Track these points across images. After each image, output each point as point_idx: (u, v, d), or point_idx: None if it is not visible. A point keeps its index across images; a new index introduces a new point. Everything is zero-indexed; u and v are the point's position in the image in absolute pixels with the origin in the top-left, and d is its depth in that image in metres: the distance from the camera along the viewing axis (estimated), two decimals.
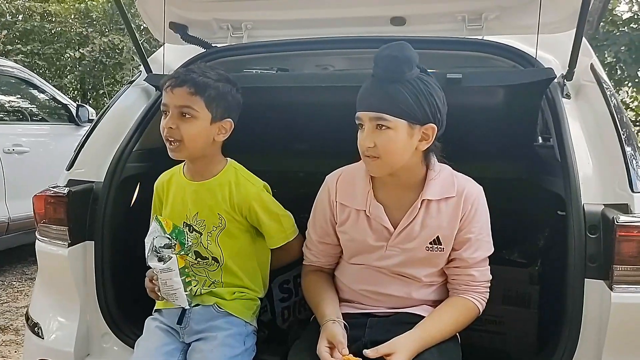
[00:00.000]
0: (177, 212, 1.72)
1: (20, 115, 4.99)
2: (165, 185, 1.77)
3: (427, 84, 1.45)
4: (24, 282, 4.39)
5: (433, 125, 1.46)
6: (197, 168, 1.71)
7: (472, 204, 1.55)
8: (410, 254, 1.58)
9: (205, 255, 1.71)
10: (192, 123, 1.60)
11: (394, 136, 1.44)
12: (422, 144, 1.48)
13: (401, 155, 1.47)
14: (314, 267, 1.76)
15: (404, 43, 1.45)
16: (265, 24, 2.13)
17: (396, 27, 1.99)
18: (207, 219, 1.70)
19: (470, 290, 1.60)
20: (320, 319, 1.58)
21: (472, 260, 1.58)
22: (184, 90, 1.58)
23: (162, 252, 1.54)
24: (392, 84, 1.42)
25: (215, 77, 1.63)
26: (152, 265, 1.57)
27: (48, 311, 1.98)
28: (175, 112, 1.59)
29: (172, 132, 1.59)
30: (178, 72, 1.65)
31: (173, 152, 1.62)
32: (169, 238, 1.55)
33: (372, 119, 1.44)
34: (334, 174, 1.69)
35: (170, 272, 1.55)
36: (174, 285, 1.56)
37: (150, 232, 1.58)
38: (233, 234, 1.71)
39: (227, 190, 1.68)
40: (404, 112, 1.42)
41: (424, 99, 1.43)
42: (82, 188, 1.91)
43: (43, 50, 9.91)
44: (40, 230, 1.96)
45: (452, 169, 1.61)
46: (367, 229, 1.60)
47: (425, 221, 1.56)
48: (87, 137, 2.05)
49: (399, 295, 1.63)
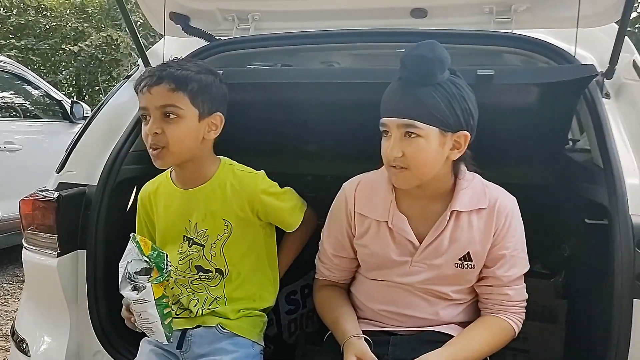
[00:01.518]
0: (173, 225, 1.57)
1: (13, 112, 4.89)
2: (152, 197, 1.61)
3: (459, 87, 1.33)
4: (15, 285, 4.28)
5: (466, 133, 1.35)
6: (187, 173, 1.55)
7: (506, 217, 1.43)
8: (437, 270, 1.45)
9: (208, 268, 1.57)
10: (179, 123, 1.43)
11: (425, 145, 1.31)
12: (453, 152, 1.36)
13: (432, 167, 1.35)
14: (328, 281, 1.63)
15: (434, 42, 1.32)
16: (274, 15, 1.97)
17: (416, 19, 1.83)
18: (210, 227, 1.54)
19: (505, 310, 1.47)
20: (341, 336, 1.45)
21: (507, 278, 1.45)
22: (163, 88, 1.41)
23: (136, 280, 1.36)
24: (422, 87, 1.30)
25: (195, 69, 1.47)
26: (124, 294, 1.39)
27: (35, 326, 1.84)
28: (158, 115, 1.43)
29: (159, 138, 1.42)
30: (151, 69, 1.47)
31: (158, 160, 1.46)
32: (146, 262, 1.37)
33: (401, 126, 1.32)
34: (351, 182, 1.55)
35: (145, 303, 1.36)
36: (149, 319, 1.37)
37: (125, 255, 1.40)
38: (240, 238, 1.56)
39: (228, 190, 1.53)
40: (436, 119, 1.30)
41: (456, 104, 1.31)
42: (73, 192, 1.77)
43: (37, 45, 9.78)
44: (27, 238, 1.81)
45: (481, 177, 1.48)
46: (389, 242, 1.47)
47: (455, 235, 1.43)
48: (80, 136, 1.90)
49: (425, 316, 1.49)
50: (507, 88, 1.56)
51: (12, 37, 9.60)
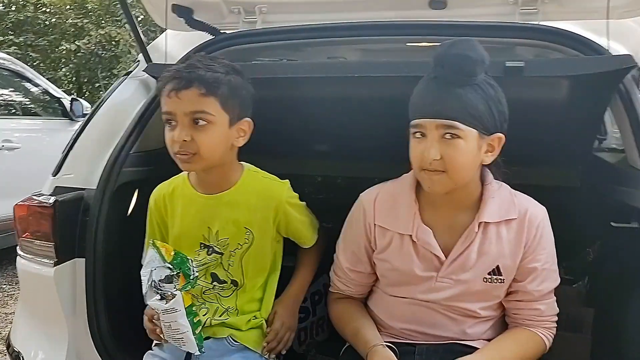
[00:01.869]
0: (190, 232, 1.49)
1: (12, 110, 4.83)
2: (168, 200, 1.52)
3: (495, 88, 1.26)
4: (15, 286, 4.20)
5: (501, 135, 1.28)
6: (212, 178, 1.46)
7: (537, 229, 1.35)
8: (464, 286, 1.36)
9: (224, 278, 1.49)
10: (209, 130, 1.34)
11: (465, 147, 1.23)
12: (487, 156, 1.29)
13: (469, 170, 1.28)
14: (343, 295, 1.54)
15: (471, 40, 1.26)
16: (282, 7, 1.86)
17: (435, 10, 1.72)
18: (232, 236, 1.47)
19: (535, 325, 1.39)
20: (363, 346, 1.39)
21: (538, 293, 1.37)
22: (194, 93, 1.32)
23: (163, 288, 1.28)
24: (462, 87, 1.22)
25: (223, 70, 1.37)
26: (151, 304, 1.32)
27: (31, 339, 1.76)
28: (186, 121, 1.34)
29: (188, 145, 1.34)
30: (178, 70, 1.36)
31: (187, 163, 1.38)
32: (170, 268, 1.30)
33: (440, 127, 1.23)
34: (369, 192, 1.46)
35: (175, 312, 1.30)
36: (180, 329, 1.32)
37: (147, 262, 1.33)
38: (260, 249, 1.50)
39: (253, 198, 1.46)
40: (476, 120, 1.23)
41: (493, 106, 1.25)
42: (70, 197, 1.67)
43: (37, 41, 9.72)
44: (22, 246, 1.73)
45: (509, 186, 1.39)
46: (413, 256, 1.38)
47: (483, 248, 1.34)
48: (78, 136, 1.80)
49: (450, 335, 1.40)
50: (537, 81, 1.47)
51: (11, 34, 9.50)
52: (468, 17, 1.70)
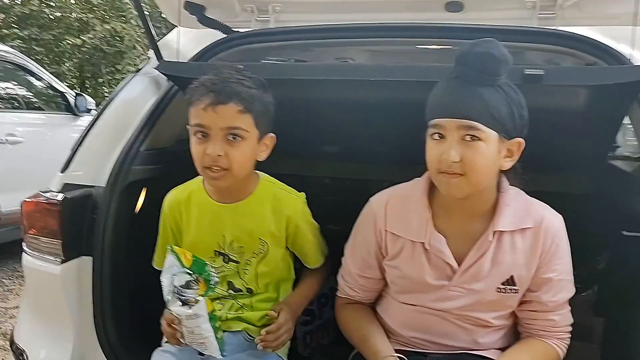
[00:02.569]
0: (205, 240, 1.47)
1: (15, 103, 4.79)
2: (184, 206, 1.50)
3: (517, 92, 1.22)
4: (15, 280, 4.20)
5: (521, 141, 1.24)
6: (231, 188, 1.44)
7: (554, 238, 1.31)
8: (477, 296, 1.32)
9: (239, 287, 1.49)
10: (241, 146, 1.34)
11: (485, 150, 1.19)
12: (506, 161, 1.24)
13: (487, 175, 1.23)
14: (351, 300, 1.51)
15: (494, 40, 1.21)
16: (297, 7, 1.84)
17: (452, 13, 1.70)
18: (246, 245, 1.46)
19: (549, 336, 1.36)
20: (373, 355, 1.35)
21: (553, 303, 1.34)
22: (232, 109, 1.31)
23: (185, 294, 1.27)
24: (484, 87, 1.18)
25: (255, 85, 1.36)
26: (174, 310, 1.30)
27: (36, 338, 1.73)
28: (221, 135, 1.32)
29: (220, 161, 1.33)
30: (212, 83, 1.33)
31: (217, 180, 1.37)
32: (189, 274, 1.28)
33: (462, 127, 1.19)
34: (380, 197, 1.42)
35: (198, 318, 1.28)
36: (203, 334, 1.30)
37: (167, 268, 1.31)
38: (276, 258, 1.49)
39: (268, 209, 1.45)
40: (498, 122, 1.19)
41: (515, 109, 1.21)
42: (79, 194, 1.64)
43: (41, 35, 9.64)
44: (27, 242, 1.69)
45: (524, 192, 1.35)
46: (424, 264, 1.34)
47: (497, 257, 1.30)
48: (87, 133, 1.77)
49: (462, 345, 1.37)
50: (556, 89, 1.44)
51: (15, 27, 9.44)
52: (485, 21, 1.68)
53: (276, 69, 1.66)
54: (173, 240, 1.53)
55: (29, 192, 1.70)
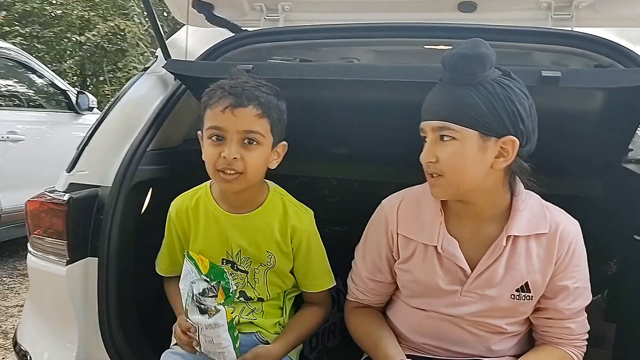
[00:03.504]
0: (212, 249, 1.45)
1: (16, 101, 4.76)
2: (192, 214, 1.47)
3: (506, 88, 1.18)
4: (16, 279, 4.18)
5: (513, 138, 1.19)
6: (240, 198, 1.43)
7: (570, 245, 1.29)
8: (491, 302, 1.30)
9: (251, 295, 1.48)
10: (257, 151, 1.32)
11: (460, 149, 1.18)
12: (499, 161, 1.20)
13: (470, 173, 1.20)
14: (361, 304, 1.49)
15: (478, 40, 1.19)
16: (306, 6, 1.82)
17: (464, 13, 1.68)
18: (253, 257, 1.44)
19: (566, 343, 1.34)
20: None
21: (569, 311, 1.32)
22: (250, 112, 1.30)
23: (205, 303, 1.24)
24: (460, 88, 1.18)
25: (272, 92, 1.35)
26: (194, 319, 1.27)
27: (40, 339, 1.70)
28: (237, 139, 1.31)
29: (235, 164, 1.31)
30: (231, 86, 1.32)
31: (230, 184, 1.34)
32: (207, 281, 1.26)
33: (436, 128, 1.20)
34: (392, 199, 1.40)
35: (218, 327, 1.26)
36: (222, 343, 1.28)
37: (184, 275, 1.29)
38: (283, 271, 1.47)
39: (276, 222, 1.43)
40: (474, 120, 1.17)
41: (500, 106, 1.16)
42: (85, 194, 1.61)
43: (42, 33, 9.60)
44: (32, 243, 1.67)
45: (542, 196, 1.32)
46: (436, 268, 1.32)
47: (511, 263, 1.28)
48: (93, 132, 1.75)
49: (474, 352, 1.35)
50: (572, 92, 1.41)
51: (17, 24, 9.40)
52: (498, 21, 1.66)
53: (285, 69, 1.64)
54: (179, 246, 1.51)
55: (30, 190, 1.67)
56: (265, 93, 1.33)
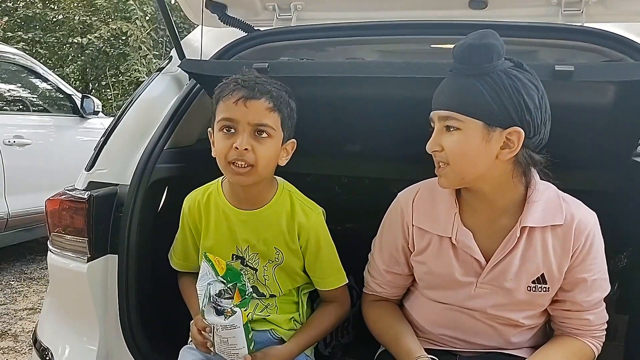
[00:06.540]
0: (222, 243, 1.47)
1: (22, 105, 4.77)
2: (203, 209, 1.49)
3: (514, 79, 1.18)
4: (23, 282, 4.18)
5: (518, 129, 1.18)
6: (249, 194, 1.44)
7: (587, 237, 1.28)
8: (506, 294, 1.31)
9: (263, 291, 1.49)
10: (268, 144, 1.34)
11: (464, 138, 1.20)
12: (504, 152, 1.21)
13: (474, 162, 1.22)
14: (379, 297, 1.50)
15: (487, 30, 1.21)
16: (319, 5, 1.84)
17: (475, 10, 1.70)
18: (262, 253, 1.45)
19: (585, 334, 1.34)
20: (405, 355, 1.34)
21: (587, 303, 1.32)
22: (262, 105, 1.32)
23: (221, 304, 1.26)
24: (467, 78, 1.19)
25: (283, 89, 1.37)
26: (210, 320, 1.28)
27: (61, 335, 1.71)
28: (249, 130, 1.33)
29: (246, 155, 1.32)
30: (244, 80, 1.35)
31: (241, 176, 1.35)
32: (223, 282, 1.27)
33: (442, 118, 1.23)
34: (408, 192, 1.41)
35: (234, 329, 1.27)
36: (237, 345, 1.29)
37: (201, 276, 1.30)
38: (292, 267, 1.48)
39: (284, 219, 1.44)
40: (478, 110, 1.18)
41: (506, 96, 1.17)
42: (105, 192, 1.64)
43: (45, 38, 9.65)
44: (53, 241, 1.68)
45: (557, 188, 1.32)
46: (452, 260, 1.33)
47: (527, 254, 1.29)
48: (110, 132, 1.77)
49: (492, 344, 1.36)
50: (585, 86, 1.42)
51: (19, 30, 9.46)
52: (509, 18, 1.68)
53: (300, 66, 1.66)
54: (192, 241, 1.53)
55: (36, 194, 1.68)
56: (276, 88, 1.35)
